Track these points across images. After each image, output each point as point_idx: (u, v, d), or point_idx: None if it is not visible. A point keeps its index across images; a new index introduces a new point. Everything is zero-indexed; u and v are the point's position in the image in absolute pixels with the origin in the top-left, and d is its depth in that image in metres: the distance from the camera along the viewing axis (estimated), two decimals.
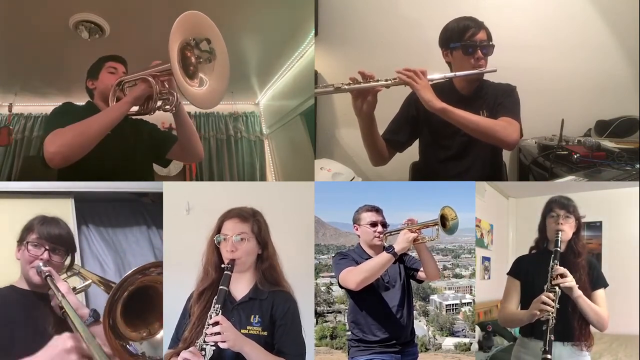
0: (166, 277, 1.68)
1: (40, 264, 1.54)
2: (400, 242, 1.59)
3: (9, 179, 3.63)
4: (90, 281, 1.77)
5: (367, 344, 1.69)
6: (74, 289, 1.64)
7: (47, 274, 1.51)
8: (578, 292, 1.52)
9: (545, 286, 1.52)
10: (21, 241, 1.60)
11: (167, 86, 1.74)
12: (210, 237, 1.43)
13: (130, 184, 2.04)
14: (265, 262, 1.43)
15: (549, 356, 1.41)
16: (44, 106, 4.03)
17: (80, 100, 2.00)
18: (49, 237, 1.58)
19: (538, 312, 1.48)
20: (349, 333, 1.76)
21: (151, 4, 2.50)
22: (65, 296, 1.45)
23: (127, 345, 1.49)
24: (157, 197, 2.01)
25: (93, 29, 2.68)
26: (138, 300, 1.54)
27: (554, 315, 1.46)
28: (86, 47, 2.72)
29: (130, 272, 1.52)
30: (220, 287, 1.33)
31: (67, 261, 1.68)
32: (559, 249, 1.58)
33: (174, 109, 1.78)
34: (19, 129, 3.94)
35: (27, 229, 1.60)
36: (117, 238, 2.34)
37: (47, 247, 1.57)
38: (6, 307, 1.52)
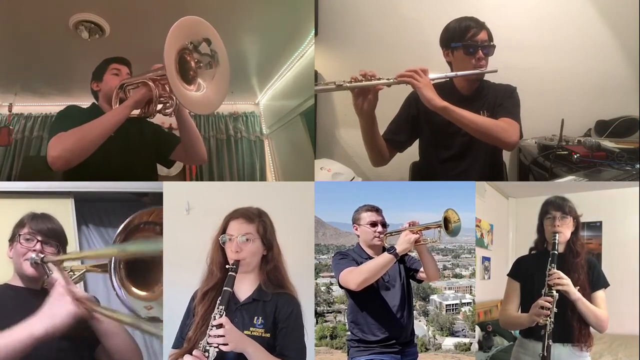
0: (166, 277, 1.68)
1: (33, 255, 1.56)
2: (401, 243, 1.60)
3: (9, 179, 3.63)
4: (83, 270, 1.75)
5: (367, 344, 1.69)
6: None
7: (42, 256, 1.53)
8: (576, 295, 1.52)
9: (543, 290, 1.53)
10: (13, 237, 1.62)
11: (167, 90, 1.75)
12: (215, 237, 1.42)
13: (130, 184, 2.04)
14: (270, 264, 1.43)
15: None
16: (44, 106, 4.03)
17: (81, 101, 2.00)
18: (41, 231, 1.60)
19: (536, 318, 1.49)
20: (349, 333, 1.76)
21: (151, 4, 2.49)
22: (65, 282, 1.45)
23: None
24: (157, 197, 2.01)
25: (93, 29, 2.68)
26: (136, 263, 1.54)
27: (552, 320, 1.47)
28: (86, 47, 2.72)
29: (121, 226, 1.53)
30: (225, 288, 1.32)
31: (60, 256, 1.67)
32: (555, 252, 1.58)
33: (173, 112, 1.80)
34: (19, 129, 3.93)
35: (19, 225, 1.63)
36: None
37: (39, 239, 1.59)
38: (2, 305, 1.53)
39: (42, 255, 1.54)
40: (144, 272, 1.58)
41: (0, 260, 1.70)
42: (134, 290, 1.55)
